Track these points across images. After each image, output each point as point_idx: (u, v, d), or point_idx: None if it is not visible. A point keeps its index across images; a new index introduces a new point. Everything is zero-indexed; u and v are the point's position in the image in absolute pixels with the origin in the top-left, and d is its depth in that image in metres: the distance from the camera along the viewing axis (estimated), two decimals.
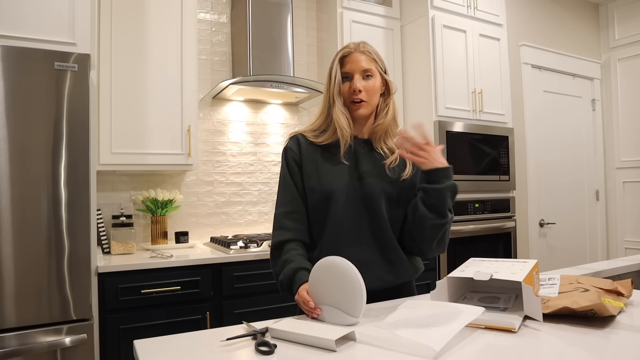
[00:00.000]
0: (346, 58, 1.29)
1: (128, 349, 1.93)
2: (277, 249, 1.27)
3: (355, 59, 1.28)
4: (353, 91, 1.27)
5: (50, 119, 1.71)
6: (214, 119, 2.83)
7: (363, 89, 1.27)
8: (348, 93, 1.28)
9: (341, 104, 1.28)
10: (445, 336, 0.86)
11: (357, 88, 1.26)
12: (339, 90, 1.28)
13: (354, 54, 1.28)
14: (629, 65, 4.01)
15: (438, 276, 2.68)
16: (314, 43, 3.18)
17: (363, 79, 1.27)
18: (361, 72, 1.27)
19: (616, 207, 4.08)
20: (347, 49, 1.30)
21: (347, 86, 1.28)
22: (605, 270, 1.71)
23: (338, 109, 1.27)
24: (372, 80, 1.28)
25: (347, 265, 1.02)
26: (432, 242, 1.24)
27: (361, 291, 1.00)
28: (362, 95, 1.27)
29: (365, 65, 1.27)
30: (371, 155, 1.31)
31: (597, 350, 0.83)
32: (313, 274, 1.07)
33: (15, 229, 1.64)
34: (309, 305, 1.06)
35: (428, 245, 1.25)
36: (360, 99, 1.27)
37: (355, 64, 1.27)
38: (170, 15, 2.39)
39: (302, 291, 1.10)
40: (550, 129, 3.82)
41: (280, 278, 1.21)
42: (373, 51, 1.31)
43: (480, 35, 3.05)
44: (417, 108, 2.96)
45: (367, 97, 1.28)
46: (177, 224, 2.68)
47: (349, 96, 1.28)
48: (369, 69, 1.28)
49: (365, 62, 1.28)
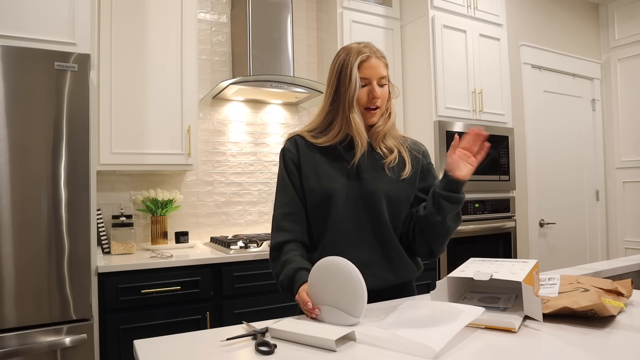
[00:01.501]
0: (365, 63, 1.26)
1: (128, 349, 1.93)
2: (276, 250, 1.27)
3: (374, 64, 1.26)
4: (373, 98, 1.26)
5: (50, 119, 1.71)
6: (214, 119, 2.83)
7: (380, 96, 1.27)
8: (365, 99, 1.27)
9: (359, 110, 1.27)
10: (445, 336, 0.86)
11: (377, 95, 1.26)
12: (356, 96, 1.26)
13: (372, 60, 1.26)
14: (629, 65, 4.01)
15: (438, 276, 2.67)
16: (314, 43, 3.18)
17: (379, 86, 1.27)
18: (378, 79, 1.26)
19: (616, 207, 4.08)
20: (365, 53, 1.26)
21: (364, 92, 1.26)
22: (605, 270, 1.71)
23: (357, 115, 1.26)
24: (385, 88, 1.29)
25: (348, 265, 1.02)
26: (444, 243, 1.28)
27: (362, 291, 1.00)
28: (378, 102, 1.27)
29: (382, 72, 1.27)
30: (371, 155, 1.30)
31: (597, 350, 0.83)
32: (313, 274, 1.07)
33: (15, 228, 1.64)
34: (307, 306, 1.06)
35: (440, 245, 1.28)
36: (377, 105, 1.27)
37: (374, 70, 1.26)
38: (170, 15, 2.39)
39: (302, 292, 1.10)
40: (550, 129, 3.82)
41: (280, 279, 1.21)
42: (384, 57, 1.31)
43: (480, 35, 3.05)
44: (417, 108, 2.96)
45: (381, 104, 1.28)
46: (177, 224, 2.68)
47: (365, 102, 1.27)
48: (385, 75, 1.28)
49: (382, 69, 1.27)
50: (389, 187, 1.27)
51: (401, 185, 1.28)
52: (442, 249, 1.29)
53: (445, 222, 1.21)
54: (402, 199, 1.29)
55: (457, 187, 1.18)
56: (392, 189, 1.27)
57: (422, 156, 1.35)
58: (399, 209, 1.29)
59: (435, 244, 1.26)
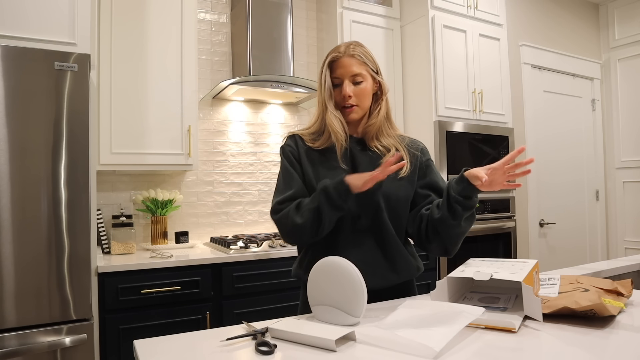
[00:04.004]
0: (335, 63, 1.27)
1: (128, 349, 1.93)
2: (280, 203, 1.24)
3: (345, 63, 1.26)
4: (343, 97, 1.27)
5: (50, 119, 1.71)
6: (214, 119, 2.83)
7: (353, 94, 1.26)
8: (339, 98, 1.28)
9: (333, 108, 1.27)
10: (445, 336, 0.86)
11: (346, 94, 1.26)
12: (330, 95, 1.28)
13: (342, 59, 1.27)
14: (629, 65, 4.01)
15: (438, 276, 2.67)
16: (314, 43, 3.18)
17: (353, 84, 1.27)
18: (350, 77, 1.26)
19: (616, 207, 4.08)
20: (336, 53, 1.28)
21: (338, 91, 1.28)
22: (605, 270, 1.71)
23: (331, 114, 1.27)
24: (362, 84, 1.27)
25: (348, 265, 1.02)
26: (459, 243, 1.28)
27: (362, 291, 1.00)
28: (352, 101, 1.27)
29: (355, 70, 1.26)
30: (367, 154, 1.31)
31: (597, 350, 0.83)
32: (313, 275, 1.07)
33: (15, 228, 1.64)
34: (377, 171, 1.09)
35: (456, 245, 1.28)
36: (350, 104, 1.27)
37: (344, 69, 1.26)
38: (170, 15, 2.39)
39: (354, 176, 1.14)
40: (550, 129, 3.82)
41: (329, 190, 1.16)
42: (363, 53, 1.29)
43: (480, 35, 3.05)
44: (417, 108, 2.96)
45: (357, 101, 1.28)
46: (177, 224, 2.68)
47: (340, 101, 1.28)
48: (359, 73, 1.26)
49: (355, 67, 1.26)
50: (387, 187, 1.26)
51: (400, 184, 1.28)
52: (457, 247, 1.29)
53: (461, 225, 1.21)
54: (401, 198, 1.29)
55: (472, 193, 1.16)
56: (390, 188, 1.27)
57: (421, 153, 1.35)
58: (398, 208, 1.29)
59: (450, 244, 1.26)
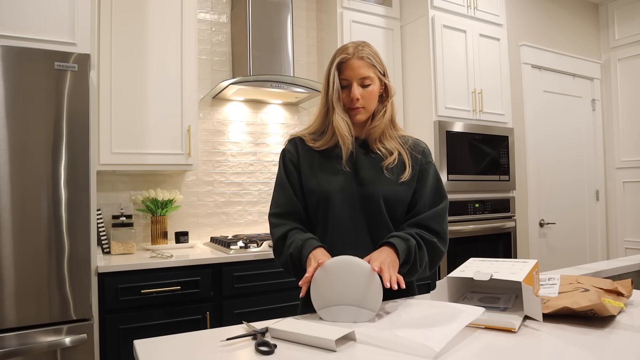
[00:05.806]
0: (344, 64, 1.26)
1: (128, 349, 1.93)
2: (281, 239, 1.27)
3: (354, 65, 1.25)
4: (351, 100, 1.26)
5: (50, 119, 1.71)
6: (214, 119, 2.83)
7: (361, 97, 1.26)
8: (347, 100, 1.27)
9: (341, 110, 1.27)
10: (445, 336, 0.86)
11: (355, 97, 1.25)
12: (338, 97, 1.27)
13: (351, 61, 1.25)
14: (629, 65, 4.01)
15: (438, 276, 2.67)
16: (314, 43, 3.18)
17: (361, 87, 1.26)
18: (359, 80, 1.25)
19: (616, 207, 4.08)
20: (345, 54, 1.26)
21: (346, 93, 1.27)
22: (605, 270, 1.71)
23: (338, 116, 1.26)
24: (370, 87, 1.27)
25: (361, 261, 1.05)
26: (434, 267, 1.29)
27: (378, 284, 1.02)
28: (360, 103, 1.27)
29: (363, 73, 1.25)
30: (369, 156, 1.30)
31: (597, 350, 0.83)
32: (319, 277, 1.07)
33: (15, 228, 1.64)
34: (316, 264, 1.07)
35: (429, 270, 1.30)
36: (357, 106, 1.27)
37: (353, 71, 1.25)
38: (170, 15, 2.39)
39: (316, 252, 1.14)
40: (550, 129, 3.82)
41: (290, 251, 1.20)
42: (372, 54, 1.28)
43: (480, 35, 3.05)
44: (417, 108, 2.96)
45: (365, 104, 1.27)
46: (177, 224, 2.68)
47: (347, 103, 1.28)
48: (368, 76, 1.26)
49: (363, 69, 1.25)
50: (388, 189, 1.26)
51: (400, 188, 1.28)
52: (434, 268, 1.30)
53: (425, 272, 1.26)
54: (401, 201, 1.28)
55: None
56: (390, 190, 1.26)
57: (422, 156, 1.34)
58: (398, 211, 1.28)
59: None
